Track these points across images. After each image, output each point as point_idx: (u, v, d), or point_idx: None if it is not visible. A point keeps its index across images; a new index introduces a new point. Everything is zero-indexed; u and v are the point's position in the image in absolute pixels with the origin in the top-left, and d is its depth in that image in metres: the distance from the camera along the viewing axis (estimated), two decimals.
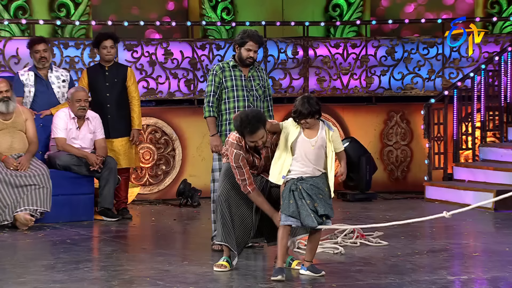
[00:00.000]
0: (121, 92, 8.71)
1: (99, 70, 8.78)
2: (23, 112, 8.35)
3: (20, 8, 10.36)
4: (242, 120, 5.78)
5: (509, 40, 10.61)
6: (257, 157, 5.99)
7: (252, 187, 5.96)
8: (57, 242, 7.30)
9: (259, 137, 5.82)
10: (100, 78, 8.72)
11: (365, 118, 10.67)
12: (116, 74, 8.74)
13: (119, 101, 8.71)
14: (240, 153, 5.92)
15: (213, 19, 11.00)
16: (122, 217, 8.59)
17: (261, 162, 6.01)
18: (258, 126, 5.78)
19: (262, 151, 5.97)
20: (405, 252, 6.69)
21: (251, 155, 5.98)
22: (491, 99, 10.27)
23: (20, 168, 8.09)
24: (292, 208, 5.73)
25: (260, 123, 5.79)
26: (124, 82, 8.73)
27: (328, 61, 10.52)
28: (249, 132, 5.79)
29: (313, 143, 5.74)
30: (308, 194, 5.72)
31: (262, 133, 5.81)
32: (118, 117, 8.70)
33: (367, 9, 11.47)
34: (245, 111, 5.92)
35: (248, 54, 6.74)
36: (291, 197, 5.74)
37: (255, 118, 5.77)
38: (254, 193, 5.97)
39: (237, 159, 5.92)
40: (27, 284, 5.68)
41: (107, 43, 8.69)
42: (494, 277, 5.83)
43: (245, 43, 6.74)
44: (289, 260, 6.11)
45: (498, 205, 8.95)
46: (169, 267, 6.20)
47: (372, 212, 8.92)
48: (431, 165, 10.02)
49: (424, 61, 10.61)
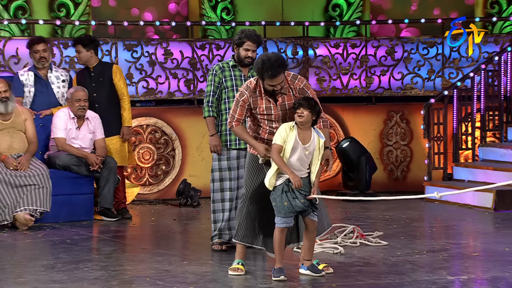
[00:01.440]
0: (109, 91, 8.67)
1: (85, 72, 8.76)
2: (23, 112, 8.35)
3: (20, 8, 10.36)
4: (264, 63, 5.74)
5: (509, 40, 10.61)
6: (273, 103, 5.90)
7: (237, 123, 5.92)
8: (57, 242, 7.30)
9: (279, 82, 5.78)
10: (86, 80, 8.70)
11: (365, 118, 10.67)
12: (101, 73, 8.70)
13: (107, 100, 8.67)
14: (244, 93, 5.88)
15: (213, 19, 10.99)
16: (122, 217, 8.59)
17: (277, 110, 5.89)
18: (279, 71, 5.74)
19: (278, 97, 5.88)
20: (405, 252, 6.69)
21: (265, 100, 5.87)
22: (491, 99, 10.27)
23: (19, 168, 8.09)
24: (288, 210, 5.73)
25: (282, 67, 5.76)
26: (111, 80, 8.68)
27: (328, 61, 10.52)
28: (270, 76, 5.75)
29: (307, 149, 5.75)
30: (300, 192, 5.74)
31: (281, 78, 5.79)
32: (108, 116, 8.64)
33: (366, 9, 11.46)
34: (267, 54, 5.86)
35: (246, 53, 6.74)
36: (284, 199, 5.74)
37: (277, 61, 5.74)
38: (238, 128, 5.93)
39: (240, 97, 5.90)
40: (26, 284, 5.68)
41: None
42: (493, 277, 5.83)
43: (243, 43, 6.74)
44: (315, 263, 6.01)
45: (498, 205, 8.95)
46: (168, 267, 6.19)
47: (372, 212, 8.91)
48: (431, 165, 10.02)
49: (424, 61, 10.61)
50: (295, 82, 5.92)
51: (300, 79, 5.94)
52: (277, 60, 5.74)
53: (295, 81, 5.93)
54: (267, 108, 5.90)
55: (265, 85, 5.82)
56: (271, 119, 5.91)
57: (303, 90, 5.90)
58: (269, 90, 5.84)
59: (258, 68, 5.78)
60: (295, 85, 5.92)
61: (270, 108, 5.89)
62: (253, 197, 5.96)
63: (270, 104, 5.89)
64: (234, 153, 6.83)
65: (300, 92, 5.90)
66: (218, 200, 6.85)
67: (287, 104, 5.88)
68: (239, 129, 5.95)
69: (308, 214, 5.81)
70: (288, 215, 5.74)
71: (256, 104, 5.90)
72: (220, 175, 6.82)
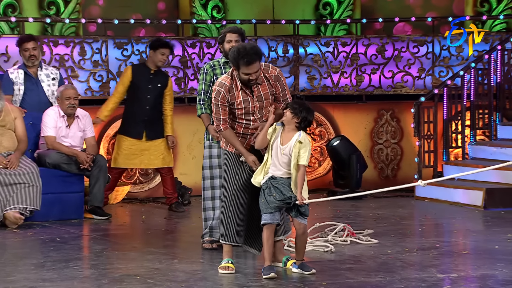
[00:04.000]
0: (159, 97, 9.00)
1: (144, 70, 8.97)
2: (12, 110, 8.32)
3: (9, 6, 10.32)
4: (240, 51, 5.77)
5: (499, 38, 10.63)
6: (249, 95, 5.92)
7: (225, 126, 5.94)
8: (47, 241, 7.28)
9: (254, 70, 5.80)
10: (144, 78, 8.93)
11: (355, 116, 10.68)
12: (159, 79, 9.01)
13: (156, 105, 9.00)
14: (221, 91, 5.88)
15: (203, 17, 10.98)
16: (174, 210, 8.91)
17: (255, 102, 5.92)
18: (255, 58, 5.77)
19: (254, 88, 5.91)
20: (395, 250, 6.70)
21: (242, 93, 5.89)
22: (481, 98, 10.29)
23: (9, 166, 8.06)
24: (264, 205, 5.78)
25: (257, 55, 5.78)
26: (163, 89, 9.00)
27: (318, 60, 10.52)
28: (245, 63, 5.76)
29: (284, 149, 5.78)
30: (277, 187, 5.76)
31: (257, 66, 5.80)
32: (155, 120, 8.97)
33: (357, 7, 11.47)
34: (242, 43, 5.93)
35: (230, 45, 6.79)
36: (262, 196, 5.81)
37: (252, 49, 5.77)
38: (226, 131, 5.95)
39: (217, 97, 5.90)
40: (16, 283, 5.66)
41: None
42: (483, 275, 5.84)
43: (224, 37, 6.83)
44: (284, 259, 6.10)
45: (487, 203, 8.97)
46: (159, 265, 6.19)
47: (362, 210, 8.92)
48: (421, 163, 10.03)
49: (414, 59, 10.62)
50: (270, 70, 5.95)
51: (273, 67, 5.98)
52: (253, 48, 5.80)
53: (269, 69, 5.96)
54: (245, 101, 5.92)
55: (241, 75, 5.84)
56: (249, 111, 5.94)
57: (278, 77, 5.94)
58: (245, 80, 5.84)
59: (234, 57, 5.81)
60: (269, 73, 5.95)
61: (248, 100, 5.92)
62: (234, 196, 6.00)
63: (247, 97, 5.92)
64: None
65: (275, 80, 5.94)
66: (209, 198, 6.85)
67: (263, 94, 5.92)
68: (228, 133, 5.97)
69: (295, 216, 5.85)
70: (266, 211, 5.78)
71: (234, 99, 5.92)
72: (211, 172, 6.82)
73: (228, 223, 6.00)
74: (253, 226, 6.01)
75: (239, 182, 5.99)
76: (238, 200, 5.99)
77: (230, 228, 6.00)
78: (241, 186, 5.98)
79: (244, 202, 5.99)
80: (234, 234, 6.00)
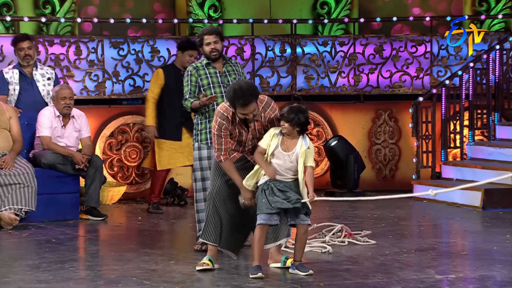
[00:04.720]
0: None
1: (175, 72, 8.86)
2: (7, 110, 8.28)
3: (4, 5, 10.28)
4: (236, 92, 5.74)
5: (497, 38, 10.61)
6: (244, 129, 5.93)
7: (225, 157, 5.93)
8: (42, 242, 7.24)
9: (251, 110, 5.79)
10: (177, 81, 8.73)
11: (353, 116, 10.64)
12: None
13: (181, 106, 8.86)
14: (223, 123, 5.87)
15: (200, 16, 10.94)
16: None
17: (249, 135, 5.95)
18: (250, 100, 5.75)
19: (250, 124, 5.92)
20: (393, 251, 6.67)
21: (238, 126, 5.91)
22: (479, 98, 10.26)
23: (4, 166, 8.02)
24: (266, 206, 5.74)
25: (253, 96, 5.76)
26: None
27: (316, 59, 10.49)
28: (241, 105, 5.75)
29: (291, 156, 5.75)
30: (280, 190, 5.73)
31: (254, 106, 5.78)
32: (189, 118, 8.76)
33: (355, 7, 11.44)
34: (239, 82, 5.89)
35: (209, 47, 6.77)
36: (263, 196, 5.76)
37: (248, 90, 5.74)
38: (226, 163, 5.93)
39: (220, 128, 5.89)
40: (11, 284, 5.63)
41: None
42: (482, 276, 5.81)
43: (202, 39, 6.81)
44: (283, 258, 6.08)
45: (486, 203, 8.94)
46: (155, 266, 6.16)
47: (360, 211, 8.89)
48: (419, 163, 10.00)
49: (412, 59, 10.59)
50: (267, 110, 5.93)
51: (272, 108, 5.94)
52: (249, 88, 5.75)
53: (267, 109, 5.93)
54: (240, 134, 5.95)
55: (238, 114, 5.84)
56: (241, 142, 5.98)
57: (272, 121, 5.91)
58: (241, 119, 5.86)
59: (230, 97, 5.80)
60: (266, 113, 5.93)
61: (242, 134, 5.95)
62: (219, 197, 6.01)
63: (242, 130, 5.94)
64: None
65: (269, 121, 5.92)
66: (201, 199, 6.83)
67: (257, 129, 5.93)
68: (227, 164, 5.96)
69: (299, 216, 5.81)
70: (266, 211, 5.73)
71: (232, 130, 5.94)
72: (202, 174, 6.79)
73: (208, 223, 6.05)
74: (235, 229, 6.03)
75: (225, 184, 6.02)
76: (222, 201, 6.04)
77: (210, 228, 6.04)
78: (226, 188, 6.01)
79: (228, 204, 6.03)
80: (213, 235, 6.04)
